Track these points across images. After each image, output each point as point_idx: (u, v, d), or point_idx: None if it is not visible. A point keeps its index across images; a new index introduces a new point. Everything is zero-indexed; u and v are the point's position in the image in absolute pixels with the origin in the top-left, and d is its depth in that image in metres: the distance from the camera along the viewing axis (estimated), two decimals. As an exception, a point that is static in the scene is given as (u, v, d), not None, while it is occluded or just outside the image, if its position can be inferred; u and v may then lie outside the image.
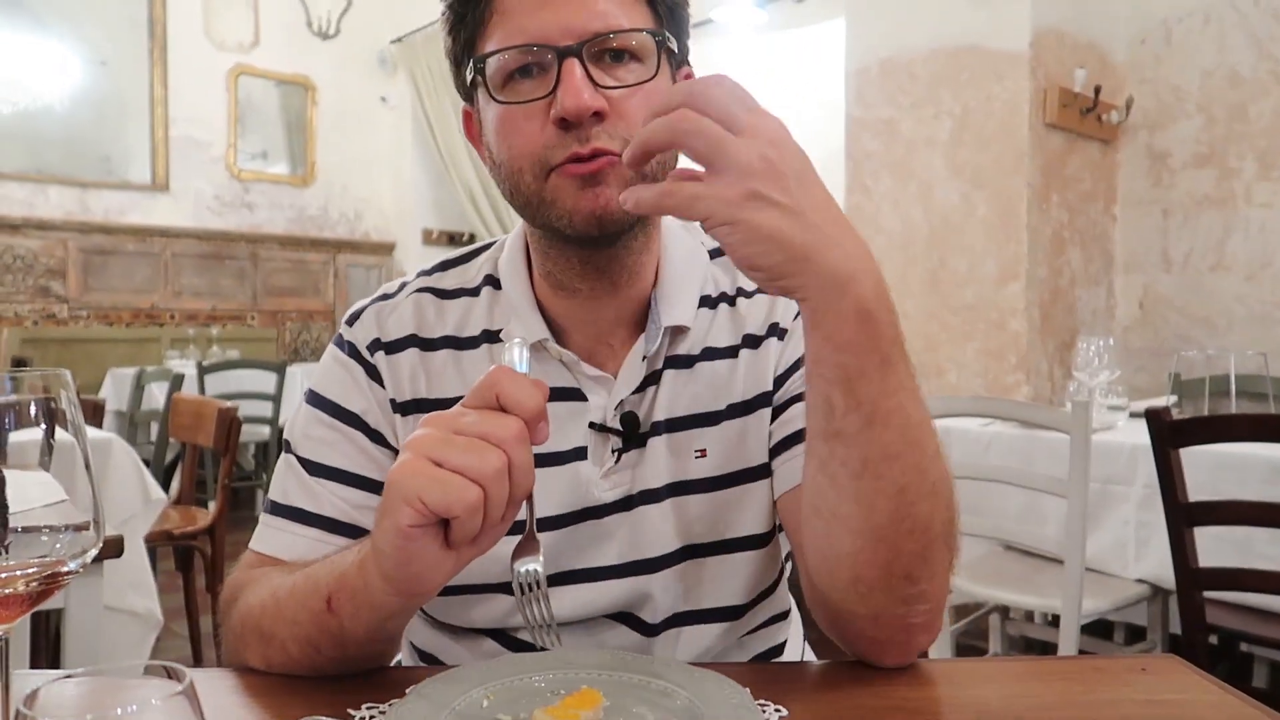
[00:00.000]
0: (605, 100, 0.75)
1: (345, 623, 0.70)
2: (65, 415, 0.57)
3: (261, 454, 5.20)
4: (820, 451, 0.70)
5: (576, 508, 0.85)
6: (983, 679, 0.76)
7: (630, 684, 0.71)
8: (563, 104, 0.74)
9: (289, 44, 6.48)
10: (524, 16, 0.76)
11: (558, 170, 0.77)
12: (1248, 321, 3.56)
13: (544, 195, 0.78)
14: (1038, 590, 2.17)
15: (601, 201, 0.76)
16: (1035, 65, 3.43)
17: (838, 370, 0.66)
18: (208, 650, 2.91)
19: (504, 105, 0.78)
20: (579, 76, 0.74)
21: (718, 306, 0.89)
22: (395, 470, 0.61)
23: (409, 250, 6.96)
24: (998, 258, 3.48)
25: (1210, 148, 3.65)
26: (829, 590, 0.74)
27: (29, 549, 0.55)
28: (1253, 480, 2.00)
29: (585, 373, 0.85)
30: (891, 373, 0.67)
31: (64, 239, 5.63)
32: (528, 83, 0.77)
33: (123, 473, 2.37)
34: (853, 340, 0.65)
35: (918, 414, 0.69)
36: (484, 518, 0.61)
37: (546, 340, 0.85)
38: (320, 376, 0.90)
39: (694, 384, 0.87)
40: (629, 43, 0.77)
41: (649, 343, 0.85)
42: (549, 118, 0.75)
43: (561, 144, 0.76)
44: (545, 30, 0.75)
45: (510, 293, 0.88)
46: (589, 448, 0.86)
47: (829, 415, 0.68)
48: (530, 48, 0.76)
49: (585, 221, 0.77)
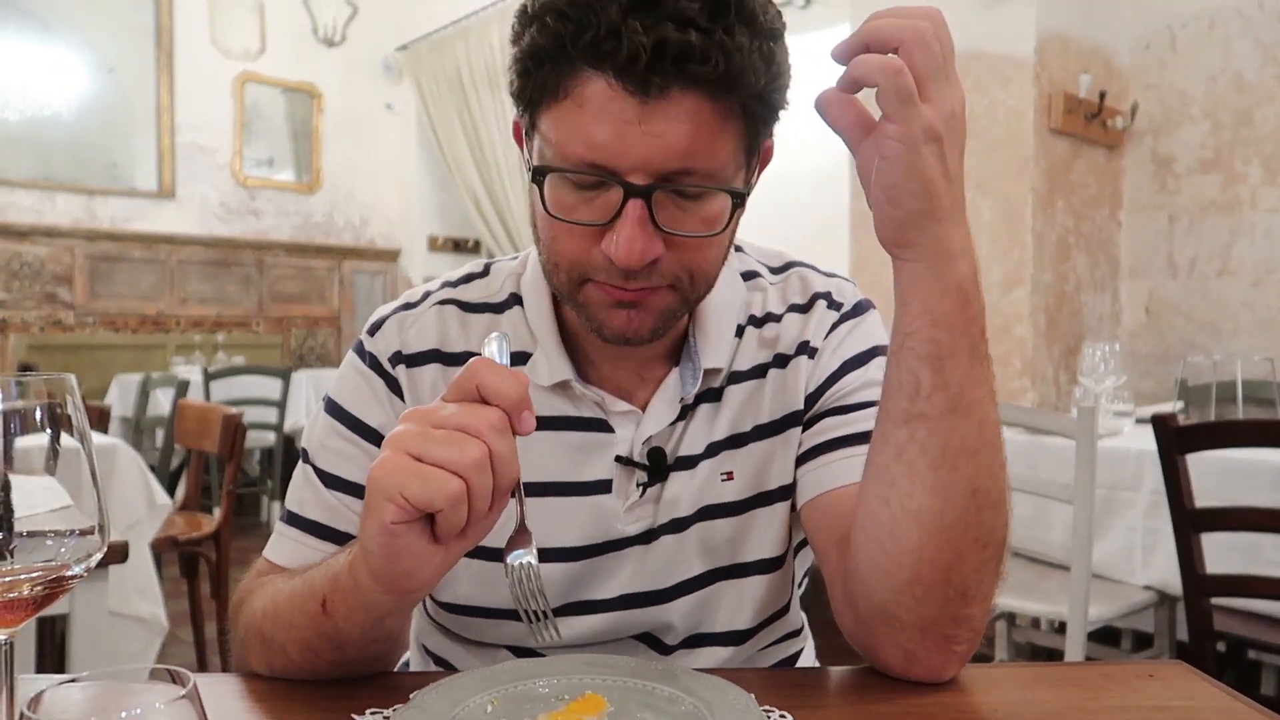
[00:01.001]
0: (662, 245, 0.72)
1: (340, 624, 0.70)
2: (70, 420, 0.57)
3: (267, 460, 5.20)
4: (898, 437, 0.70)
5: (597, 540, 0.84)
6: (990, 684, 0.76)
7: (634, 689, 0.70)
8: (615, 253, 0.71)
9: (295, 51, 6.50)
10: (600, 129, 0.69)
11: (595, 284, 0.75)
12: (1254, 327, 3.55)
13: (576, 297, 0.77)
14: (1044, 597, 2.16)
15: (634, 326, 0.76)
16: (1040, 71, 3.43)
17: (930, 346, 0.68)
18: (212, 656, 2.91)
19: (558, 220, 0.73)
20: (641, 223, 0.70)
21: (745, 332, 0.89)
22: (376, 467, 0.60)
23: (414, 257, 6.97)
24: (1003, 263, 3.47)
25: (1216, 153, 3.64)
26: (881, 591, 0.72)
27: (34, 553, 0.55)
28: (1260, 486, 1.99)
29: (613, 408, 0.84)
30: (978, 364, 0.69)
31: (71, 246, 5.65)
32: (587, 193, 0.72)
33: (128, 478, 2.38)
34: (948, 317, 0.67)
35: (994, 416, 0.70)
36: (469, 509, 0.60)
37: (572, 381, 0.84)
38: (339, 385, 0.88)
39: (723, 412, 0.87)
40: (705, 189, 0.72)
41: (685, 385, 0.85)
42: (599, 240, 0.73)
43: (606, 270, 0.73)
44: (618, 155, 0.69)
45: (535, 325, 0.86)
46: (613, 481, 0.85)
47: (914, 395, 0.69)
48: (597, 173, 0.70)
49: (613, 337, 0.77)
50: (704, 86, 0.68)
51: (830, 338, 0.88)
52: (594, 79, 0.68)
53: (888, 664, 0.75)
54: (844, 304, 0.90)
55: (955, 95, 0.65)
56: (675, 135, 0.68)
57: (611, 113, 0.68)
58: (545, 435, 0.84)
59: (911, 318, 0.69)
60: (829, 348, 0.87)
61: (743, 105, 0.71)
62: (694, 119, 0.69)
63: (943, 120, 0.64)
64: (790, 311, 0.89)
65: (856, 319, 0.89)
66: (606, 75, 0.68)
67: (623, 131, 0.68)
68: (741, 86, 0.69)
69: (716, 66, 0.67)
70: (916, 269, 0.68)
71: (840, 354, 0.87)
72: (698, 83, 0.68)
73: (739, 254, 0.93)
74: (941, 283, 0.67)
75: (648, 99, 0.67)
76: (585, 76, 0.69)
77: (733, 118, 0.71)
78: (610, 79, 0.68)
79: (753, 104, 0.71)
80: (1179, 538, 1.80)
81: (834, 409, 0.85)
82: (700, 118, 0.69)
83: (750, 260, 0.93)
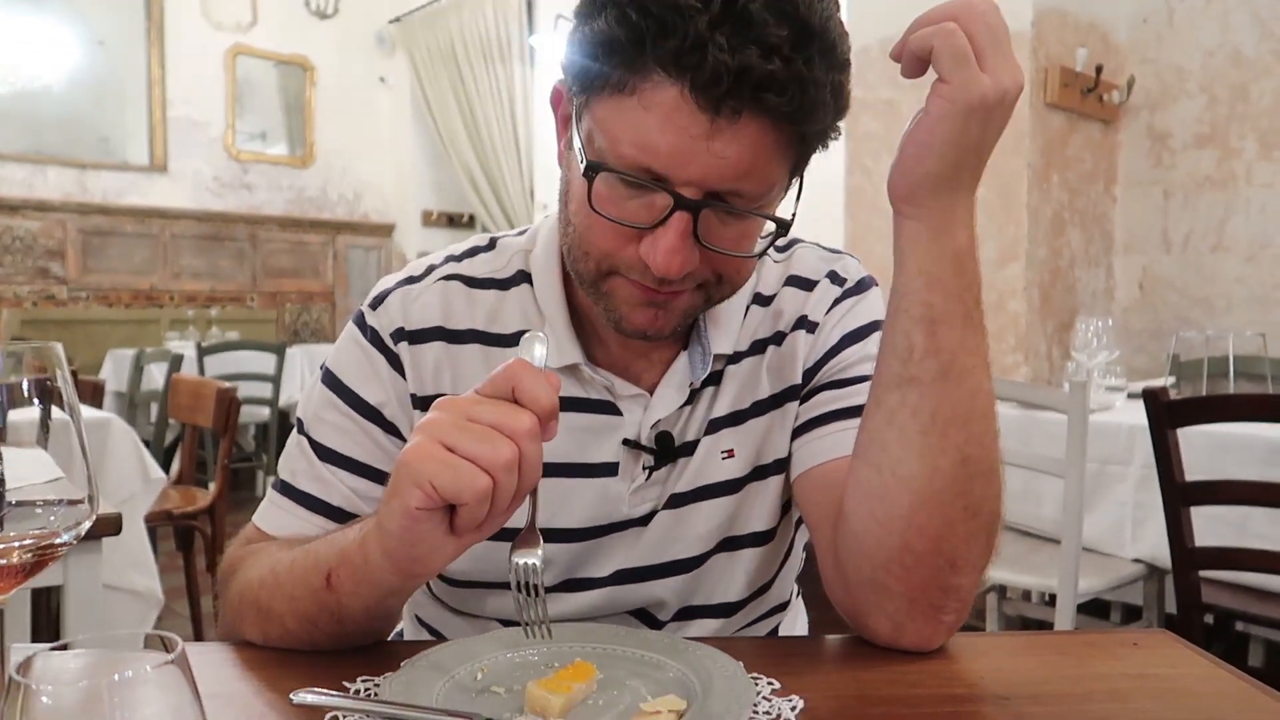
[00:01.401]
0: (699, 257, 0.72)
1: (344, 599, 0.70)
2: (60, 393, 0.57)
3: (261, 435, 5.21)
4: (890, 401, 0.71)
5: (602, 522, 0.85)
6: (977, 653, 0.77)
7: (623, 656, 0.71)
8: (655, 261, 0.70)
9: (287, 24, 6.44)
10: (664, 138, 0.67)
11: (624, 278, 0.75)
12: (1247, 302, 3.56)
13: (601, 287, 0.77)
14: (1035, 570, 2.18)
15: (657, 324, 0.76)
16: (1037, 45, 3.41)
17: (923, 309, 0.69)
18: (209, 629, 2.93)
19: (599, 214, 0.72)
20: (685, 235, 0.70)
21: (749, 310, 0.88)
22: (408, 452, 0.60)
23: (408, 231, 6.94)
24: (997, 238, 3.47)
25: (1211, 128, 3.63)
26: (872, 560, 0.72)
27: (25, 522, 0.55)
28: (1250, 460, 2.00)
29: (621, 391, 0.84)
30: (971, 331, 0.70)
31: (63, 220, 5.62)
32: (633, 190, 0.71)
33: (122, 453, 2.38)
34: (943, 281, 0.68)
35: (988, 386, 0.71)
36: (491, 507, 0.60)
37: (581, 364, 0.83)
38: (338, 357, 0.86)
39: (725, 391, 0.87)
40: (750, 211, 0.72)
41: (694, 369, 0.85)
42: (638, 243, 0.72)
43: (637, 269, 0.73)
44: (677, 167, 0.68)
45: (545, 305, 0.85)
46: (620, 464, 0.85)
47: (906, 359, 0.69)
48: (650, 179, 0.69)
49: (633, 331, 0.77)
50: (774, 116, 0.67)
51: (832, 313, 0.88)
52: (667, 86, 0.66)
53: (876, 633, 0.76)
54: (847, 279, 0.90)
55: (1013, 73, 0.65)
56: (736, 158, 0.68)
57: (678, 125, 0.67)
58: None
59: (907, 278, 0.70)
60: (829, 323, 0.87)
61: (803, 136, 0.71)
62: (756, 144, 0.68)
63: (997, 93, 0.64)
64: (789, 286, 0.89)
65: (859, 295, 0.89)
66: (682, 85, 0.66)
67: (687, 146, 0.67)
68: (809, 120, 0.69)
69: (792, 100, 0.66)
70: (916, 229, 0.69)
71: (840, 328, 0.87)
72: (769, 111, 0.67)
73: None
74: (938, 246, 0.68)
75: (718, 118, 0.66)
76: (658, 80, 0.67)
77: (791, 145, 0.71)
78: (684, 90, 0.66)
79: (813, 136, 0.72)
80: (1168, 511, 1.81)
81: (831, 383, 0.85)
82: (762, 143, 0.68)
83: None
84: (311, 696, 0.63)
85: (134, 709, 0.39)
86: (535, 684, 0.64)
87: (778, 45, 0.64)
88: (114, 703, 0.38)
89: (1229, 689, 0.68)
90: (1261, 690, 0.67)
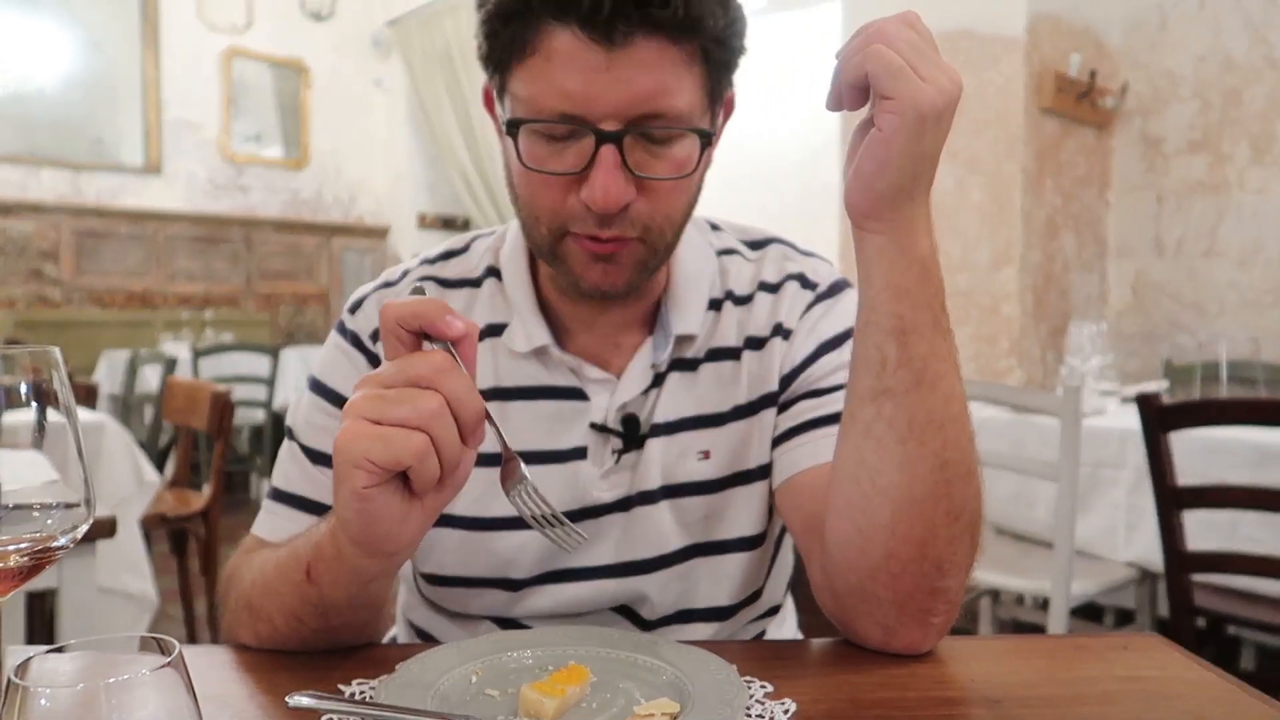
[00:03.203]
0: (635, 189, 0.74)
1: (325, 591, 0.70)
2: (56, 396, 0.57)
3: (256, 438, 5.20)
4: (865, 414, 0.71)
5: (574, 506, 0.85)
6: (968, 656, 0.77)
7: (617, 660, 0.71)
8: (593, 197, 0.73)
9: (282, 26, 6.43)
10: (568, 77, 0.71)
11: (573, 237, 0.77)
12: (1239, 307, 3.58)
13: (556, 251, 0.79)
14: (1027, 573, 2.19)
15: (610, 279, 0.78)
16: (1030, 50, 3.42)
17: (894, 320, 0.69)
18: (202, 632, 2.92)
19: (534, 172, 0.76)
20: (615, 168, 0.72)
21: (722, 307, 0.89)
22: (339, 437, 0.61)
23: (403, 234, 6.94)
24: (991, 242, 3.48)
25: (1204, 133, 3.65)
26: (857, 569, 0.73)
27: (21, 525, 0.56)
28: (1242, 464, 2.01)
29: (589, 375, 0.86)
30: (940, 337, 0.70)
31: (57, 222, 5.60)
32: (559, 144, 0.74)
33: (116, 455, 2.38)
34: (911, 290, 0.69)
35: (960, 389, 0.72)
36: (440, 458, 0.60)
37: (549, 346, 0.85)
38: (322, 363, 0.89)
39: (698, 386, 0.87)
40: (673, 129, 0.74)
41: (657, 350, 0.86)
42: (576, 188, 0.75)
43: (583, 219, 0.75)
44: (588, 104, 0.71)
45: (512, 293, 0.87)
46: (589, 448, 0.86)
47: (880, 371, 0.70)
48: (569, 123, 0.73)
49: (590, 291, 0.79)
50: (666, 31, 0.71)
51: (805, 319, 0.88)
52: (560, 31, 0.71)
53: (867, 639, 0.76)
54: (819, 284, 0.90)
55: (950, 74, 0.66)
56: (641, 80, 0.71)
57: (579, 62, 0.71)
58: (521, 405, 0.86)
59: (875, 292, 0.70)
60: (804, 329, 0.88)
61: (704, 49, 0.74)
62: (658, 64, 0.71)
63: (942, 98, 0.65)
64: (761, 290, 0.90)
65: (832, 299, 0.90)
66: (572, 27, 0.70)
67: (591, 80, 0.71)
68: (702, 29, 0.72)
69: (677, 11, 0.70)
70: (881, 242, 0.69)
71: (816, 335, 0.88)
72: (660, 28, 0.70)
73: (716, 232, 0.94)
74: (904, 256, 0.69)
75: (614, 46, 0.70)
76: (551, 30, 0.71)
77: (695, 61, 0.74)
78: (576, 30, 0.70)
79: (713, 48, 0.74)
80: (1161, 515, 1.82)
81: (809, 392, 0.86)
82: (664, 62, 0.72)
83: (728, 238, 0.94)
84: (307, 699, 0.63)
85: (131, 711, 0.39)
86: (529, 687, 0.64)
87: None
88: (111, 705, 0.39)
89: (1218, 692, 0.68)
90: (1250, 693, 0.67)
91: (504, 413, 0.86)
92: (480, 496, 0.85)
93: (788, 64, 5.65)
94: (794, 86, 5.53)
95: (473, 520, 0.85)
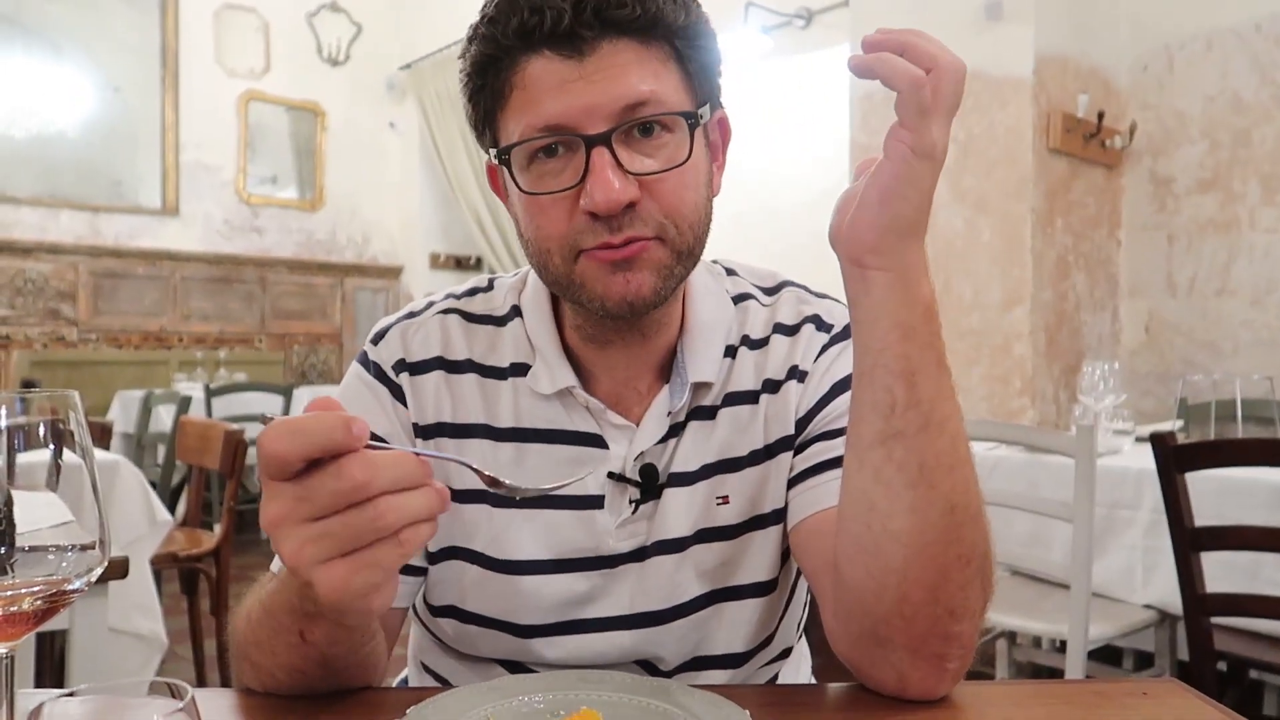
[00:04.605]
0: (637, 188, 0.74)
1: (325, 650, 0.70)
2: (73, 436, 0.57)
3: (268, 477, 5.19)
4: (875, 459, 0.70)
5: (589, 555, 0.85)
6: (985, 702, 0.76)
7: (630, 705, 0.71)
8: (594, 199, 0.73)
9: (299, 70, 6.54)
10: (546, 96, 0.73)
11: (587, 254, 0.76)
12: (1253, 346, 3.56)
13: (574, 278, 0.78)
14: (1044, 616, 2.16)
15: (633, 287, 0.76)
16: (1038, 91, 3.45)
17: (902, 362, 0.69)
18: (211, 673, 2.91)
19: (535, 195, 0.76)
20: (610, 168, 0.73)
21: (738, 353, 0.89)
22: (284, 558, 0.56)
23: (416, 274, 6.99)
24: (1002, 282, 3.48)
25: (1214, 173, 3.66)
26: (871, 614, 0.72)
27: (35, 568, 0.55)
28: (1259, 505, 1.99)
29: (610, 420, 0.85)
30: (945, 378, 0.70)
31: (75, 263, 5.67)
32: (554, 163, 0.75)
33: (129, 495, 2.38)
34: (918, 331, 0.69)
35: (964, 431, 0.72)
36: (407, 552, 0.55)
37: (574, 387, 0.85)
38: (344, 395, 0.89)
39: (717, 432, 0.87)
40: (659, 118, 0.75)
41: (674, 398, 0.86)
42: (578, 205, 0.75)
43: (592, 230, 0.75)
44: (570, 114, 0.73)
45: (536, 335, 0.87)
46: (606, 497, 0.85)
47: (889, 414, 0.69)
48: (556, 134, 0.74)
49: (617, 306, 0.77)
50: (631, 33, 0.74)
51: (820, 360, 0.88)
52: (532, 60, 0.74)
53: (882, 685, 0.75)
54: (834, 325, 0.90)
55: (945, 140, 0.66)
56: (617, 78, 0.73)
57: (555, 79, 0.73)
58: (539, 448, 0.85)
59: (882, 334, 0.69)
60: (818, 371, 0.88)
61: (675, 49, 0.76)
62: (632, 62, 0.74)
63: (941, 153, 0.65)
64: (777, 334, 0.90)
65: (846, 341, 0.89)
66: (541, 52, 0.73)
67: (569, 90, 0.73)
68: (663, 24, 0.75)
69: (634, 9, 0.72)
70: (888, 280, 0.68)
71: (830, 377, 0.87)
72: (624, 30, 0.73)
73: (732, 277, 0.94)
74: (910, 296, 0.69)
75: (584, 56, 0.73)
76: (524, 63, 0.74)
77: (669, 59, 0.76)
78: (546, 54, 0.73)
79: (682, 46, 0.77)
80: (1178, 557, 1.80)
81: (824, 433, 0.85)
82: (632, 60, 0.74)
83: (744, 283, 0.94)
84: (317, 744, 0.63)
85: (143, 757, 0.39)
86: (541, 732, 0.64)
87: None
88: (123, 751, 0.39)
89: (1240, 740, 0.67)
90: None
91: (522, 454, 0.86)
92: (497, 537, 0.84)
93: (793, 107, 5.70)
94: (800, 129, 5.58)
95: (489, 559, 0.85)
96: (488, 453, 0.86)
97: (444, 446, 0.86)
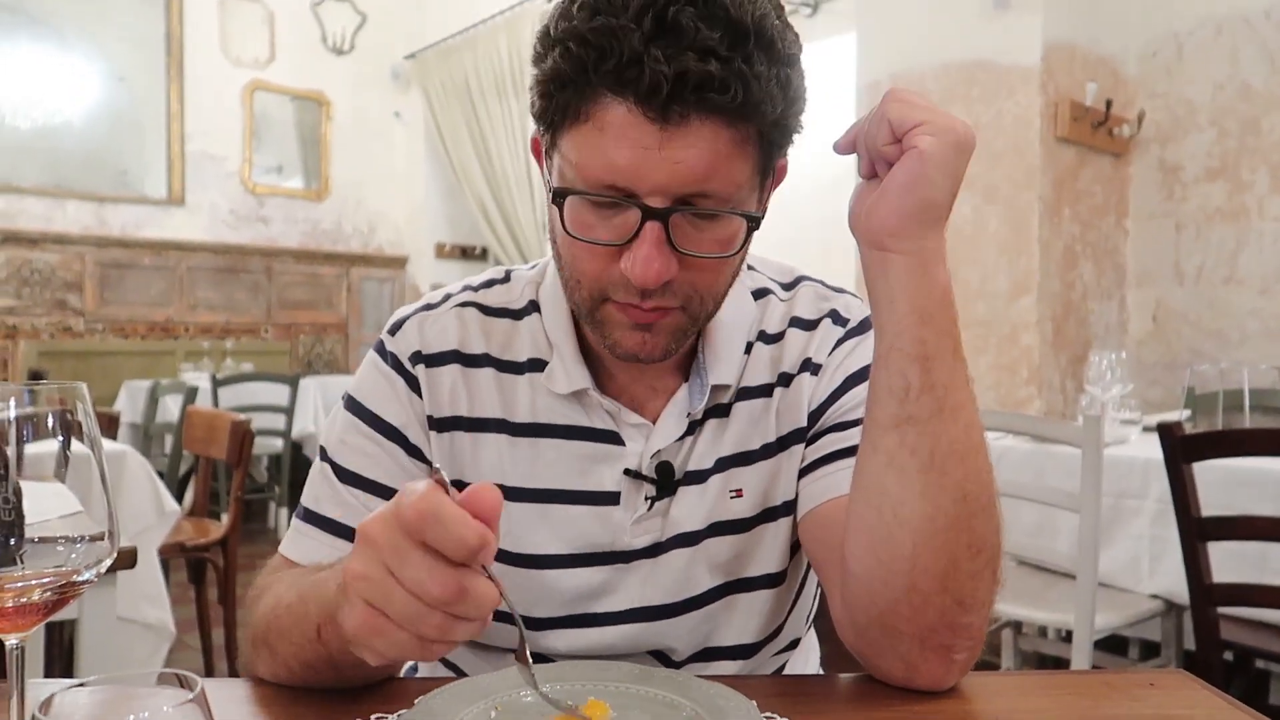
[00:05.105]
0: (677, 265, 0.73)
1: (335, 654, 0.70)
2: (82, 427, 0.57)
3: (275, 466, 5.22)
4: (888, 443, 0.71)
5: (603, 550, 0.85)
6: (992, 693, 0.76)
7: (637, 695, 0.71)
8: (633, 272, 0.72)
9: (304, 60, 6.53)
10: (618, 153, 0.70)
11: (614, 303, 0.77)
12: (1261, 335, 3.54)
13: (596, 315, 0.78)
14: (1050, 605, 2.16)
15: (648, 348, 0.78)
16: (1046, 79, 3.43)
17: (918, 346, 0.69)
18: (219, 662, 2.92)
19: (577, 239, 0.75)
20: (658, 244, 0.72)
21: (753, 348, 0.89)
22: (347, 621, 0.58)
23: (422, 264, 6.99)
24: (1009, 272, 3.47)
25: (1222, 161, 3.64)
26: (879, 602, 0.72)
27: (44, 559, 0.56)
28: (1267, 495, 1.98)
29: (626, 419, 0.85)
30: (960, 365, 0.71)
31: (81, 253, 5.68)
32: (605, 212, 0.74)
33: (137, 485, 2.39)
34: (935, 315, 0.69)
35: (978, 420, 0.72)
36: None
37: (589, 389, 0.85)
38: (360, 384, 0.89)
39: (731, 427, 0.87)
40: (721, 212, 0.74)
41: (693, 399, 0.86)
42: (618, 260, 0.74)
43: (625, 288, 0.75)
44: (638, 181, 0.70)
45: (553, 333, 0.87)
46: (622, 494, 0.85)
47: (903, 398, 0.70)
48: (617, 195, 0.72)
49: (626, 355, 0.79)
50: (722, 114, 0.69)
51: (835, 354, 0.88)
52: (615, 105, 0.70)
53: (889, 675, 0.75)
54: (850, 319, 0.90)
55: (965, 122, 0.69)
56: (693, 161, 0.70)
57: (631, 138, 0.69)
58: (555, 443, 0.86)
59: (900, 317, 0.70)
60: (833, 364, 0.88)
61: (759, 131, 0.72)
62: (711, 145, 0.70)
63: (967, 131, 0.67)
64: (793, 327, 0.90)
65: (861, 335, 0.90)
66: (628, 101, 0.69)
67: (642, 156, 0.70)
68: (759, 114, 0.70)
69: (735, 96, 0.68)
70: (908, 264, 0.69)
71: (844, 370, 0.87)
72: (716, 111, 0.69)
73: (751, 272, 0.94)
74: (928, 280, 0.69)
75: (667, 125, 0.69)
76: (606, 102, 0.70)
77: (749, 143, 0.72)
78: (631, 105, 0.69)
79: (769, 130, 0.73)
80: (1185, 547, 1.79)
81: (835, 425, 0.86)
82: (718, 144, 0.70)
83: (762, 278, 0.94)
84: (325, 734, 0.63)
85: (153, 748, 0.39)
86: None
87: (712, 47, 0.67)
88: (134, 742, 0.39)
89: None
90: (1281, 732, 0.66)
91: (538, 450, 0.86)
92: (512, 530, 0.85)
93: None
94: (810, 117, 5.55)
95: (507, 554, 0.85)
96: (504, 448, 0.86)
97: (459, 440, 0.86)
